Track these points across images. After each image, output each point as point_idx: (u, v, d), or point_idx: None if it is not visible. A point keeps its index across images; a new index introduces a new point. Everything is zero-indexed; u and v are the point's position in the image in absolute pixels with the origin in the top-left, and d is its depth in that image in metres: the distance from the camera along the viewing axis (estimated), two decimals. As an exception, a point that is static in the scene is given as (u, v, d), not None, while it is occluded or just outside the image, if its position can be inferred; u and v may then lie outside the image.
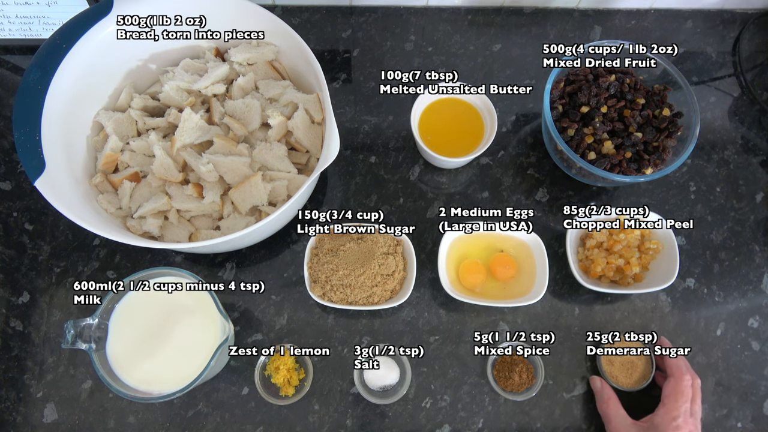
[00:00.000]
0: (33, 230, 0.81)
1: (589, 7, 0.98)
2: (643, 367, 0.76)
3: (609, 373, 0.76)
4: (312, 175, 0.67)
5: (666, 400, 0.70)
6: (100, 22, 0.71)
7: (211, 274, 0.80)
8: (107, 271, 0.80)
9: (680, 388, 0.70)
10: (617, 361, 0.76)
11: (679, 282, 0.82)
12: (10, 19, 0.86)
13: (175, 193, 0.74)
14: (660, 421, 0.69)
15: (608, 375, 0.75)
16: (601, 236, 0.79)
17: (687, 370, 0.72)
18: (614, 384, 0.75)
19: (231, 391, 0.75)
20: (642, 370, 0.76)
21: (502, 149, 0.89)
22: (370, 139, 0.88)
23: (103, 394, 0.74)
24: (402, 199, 0.85)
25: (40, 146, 0.65)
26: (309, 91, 0.79)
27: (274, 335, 0.78)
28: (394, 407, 0.75)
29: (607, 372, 0.76)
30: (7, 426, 0.73)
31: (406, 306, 0.79)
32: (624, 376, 0.76)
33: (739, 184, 0.89)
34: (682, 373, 0.71)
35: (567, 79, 0.84)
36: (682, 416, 0.68)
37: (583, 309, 0.81)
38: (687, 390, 0.70)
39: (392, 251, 0.76)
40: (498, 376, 0.76)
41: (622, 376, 0.76)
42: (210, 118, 0.78)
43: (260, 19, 0.75)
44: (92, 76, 0.73)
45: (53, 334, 0.76)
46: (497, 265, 0.79)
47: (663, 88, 0.82)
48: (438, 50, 0.94)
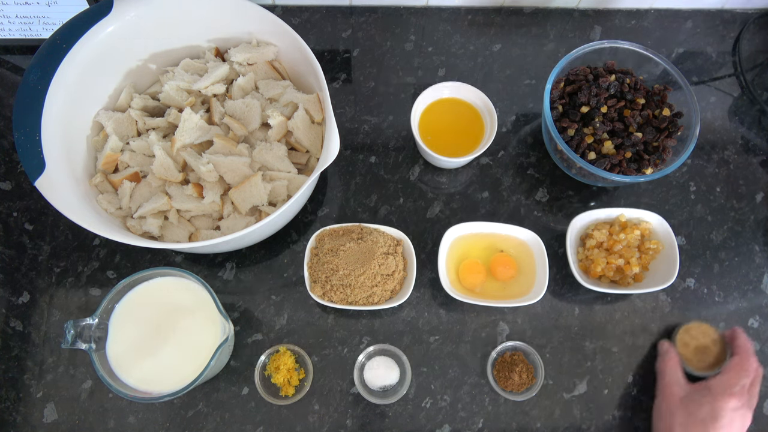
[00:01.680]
0: (33, 230, 0.81)
1: (589, 7, 0.98)
2: (717, 353, 0.76)
3: (683, 355, 0.76)
4: (312, 175, 0.67)
5: (726, 372, 0.70)
6: (100, 22, 0.71)
7: (211, 274, 0.80)
8: (107, 271, 0.80)
9: (744, 365, 0.70)
10: (692, 345, 0.76)
11: (679, 282, 0.82)
12: (10, 19, 0.86)
13: (175, 193, 0.74)
14: (715, 385, 0.68)
15: (682, 357, 0.76)
16: (601, 236, 0.79)
17: (754, 354, 0.72)
18: (686, 366, 0.75)
19: (231, 391, 0.75)
20: (716, 355, 0.76)
21: (502, 149, 0.89)
22: (370, 139, 0.88)
23: (103, 394, 0.74)
24: (402, 199, 0.85)
25: (40, 146, 0.65)
26: (309, 91, 0.79)
27: (274, 335, 0.78)
28: (394, 407, 0.75)
29: (681, 354, 0.76)
30: (7, 426, 0.73)
31: (406, 306, 0.80)
32: (697, 359, 0.76)
33: (739, 184, 0.89)
34: (749, 354, 0.71)
35: (567, 79, 0.84)
36: (739, 388, 0.67)
37: (583, 309, 0.81)
38: (750, 369, 0.70)
39: (392, 251, 0.76)
40: (498, 376, 0.76)
41: (696, 360, 0.76)
42: (210, 118, 0.78)
43: (260, 19, 0.75)
44: (92, 76, 0.73)
45: (53, 334, 0.76)
46: (497, 265, 0.79)
47: (663, 88, 0.82)
48: (438, 50, 0.94)
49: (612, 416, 0.76)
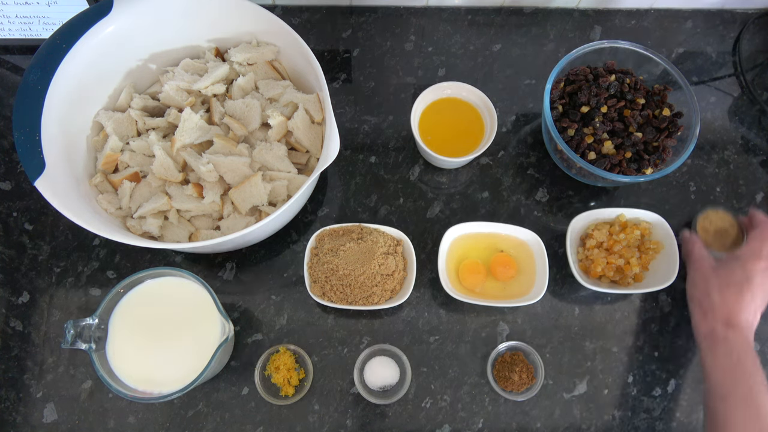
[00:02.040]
0: (33, 230, 0.81)
1: (589, 7, 0.98)
2: (735, 235, 0.81)
3: (704, 239, 0.81)
4: (312, 175, 0.67)
5: (751, 241, 0.74)
6: (100, 22, 0.71)
7: (211, 274, 0.80)
8: (107, 271, 0.80)
9: (767, 235, 0.74)
10: (711, 229, 0.81)
11: (679, 282, 0.82)
12: (10, 19, 0.86)
13: (175, 193, 0.74)
14: (743, 253, 0.73)
15: (703, 241, 0.79)
16: (601, 236, 0.79)
17: None
18: (707, 249, 0.78)
19: (231, 391, 0.75)
20: (734, 237, 0.81)
21: (502, 149, 0.89)
22: (370, 139, 0.88)
23: (103, 394, 0.74)
24: (402, 199, 0.85)
25: (40, 146, 0.65)
26: (309, 91, 0.79)
27: (274, 335, 0.78)
28: (394, 407, 0.75)
29: (702, 238, 0.80)
30: (7, 426, 0.73)
31: (406, 306, 0.80)
32: (718, 242, 0.81)
33: (739, 184, 0.89)
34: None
35: (567, 79, 0.84)
36: (766, 251, 0.72)
37: (583, 309, 0.81)
38: None
39: (392, 251, 0.76)
40: (498, 376, 0.76)
41: (716, 242, 0.81)
42: (210, 118, 0.78)
43: (260, 19, 0.75)
44: (92, 76, 0.73)
45: (53, 334, 0.76)
46: (497, 265, 0.79)
47: (663, 88, 0.82)
48: (438, 50, 0.94)
49: (612, 416, 0.76)
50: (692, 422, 0.77)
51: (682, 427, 0.77)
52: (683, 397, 0.78)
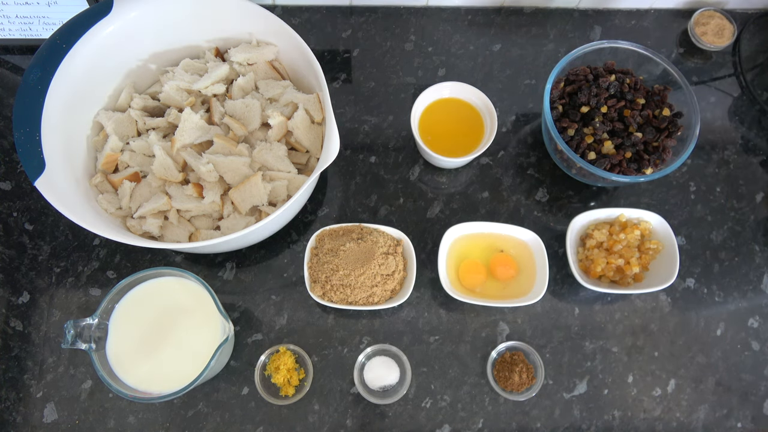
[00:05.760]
0: (33, 230, 0.81)
1: (589, 7, 0.98)
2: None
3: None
4: (312, 175, 0.67)
5: None
6: (100, 22, 0.71)
7: (211, 274, 0.80)
8: (107, 271, 0.80)
9: None
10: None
11: (679, 282, 0.83)
12: (10, 19, 0.86)
13: (175, 193, 0.74)
14: None
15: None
16: (601, 236, 0.79)
17: None
18: None
19: (231, 391, 0.75)
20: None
21: (502, 149, 0.89)
22: (370, 139, 0.88)
23: (103, 394, 0.74)
24: (402, 199, 0.85)
25: (40, 146, 0.65)
26: (309, 91, 0.79)
27: (274, 335, 0.78)
28: (394, 407, 0.75)
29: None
30: (7, 426, 0.73)
31: (406, 306, 0.79)
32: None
33: (739, 184, 0.89)
34: None
35: (567, 79, 0.84)
36: None
37: (583, 309, 0.81)
38: None
39: (392, 251, 0.76)
40: (498, 376, 0.76)
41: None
42: (210, 118, 0.78)
43: (260, 19, 0.75)
44: (92, 76, 0.73)
45: (53, 334, 0.76)
46: (497, 265, 0.79)
47: (663, 88, 0.82)
48: (438, 50, 0.94)
49: (612, 416, 0.76)
50: (692, 422, 0.77)
51: (682, 427, 0.77)
52: (683, 397, 0.78)
